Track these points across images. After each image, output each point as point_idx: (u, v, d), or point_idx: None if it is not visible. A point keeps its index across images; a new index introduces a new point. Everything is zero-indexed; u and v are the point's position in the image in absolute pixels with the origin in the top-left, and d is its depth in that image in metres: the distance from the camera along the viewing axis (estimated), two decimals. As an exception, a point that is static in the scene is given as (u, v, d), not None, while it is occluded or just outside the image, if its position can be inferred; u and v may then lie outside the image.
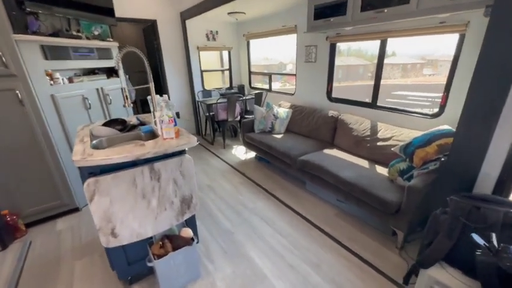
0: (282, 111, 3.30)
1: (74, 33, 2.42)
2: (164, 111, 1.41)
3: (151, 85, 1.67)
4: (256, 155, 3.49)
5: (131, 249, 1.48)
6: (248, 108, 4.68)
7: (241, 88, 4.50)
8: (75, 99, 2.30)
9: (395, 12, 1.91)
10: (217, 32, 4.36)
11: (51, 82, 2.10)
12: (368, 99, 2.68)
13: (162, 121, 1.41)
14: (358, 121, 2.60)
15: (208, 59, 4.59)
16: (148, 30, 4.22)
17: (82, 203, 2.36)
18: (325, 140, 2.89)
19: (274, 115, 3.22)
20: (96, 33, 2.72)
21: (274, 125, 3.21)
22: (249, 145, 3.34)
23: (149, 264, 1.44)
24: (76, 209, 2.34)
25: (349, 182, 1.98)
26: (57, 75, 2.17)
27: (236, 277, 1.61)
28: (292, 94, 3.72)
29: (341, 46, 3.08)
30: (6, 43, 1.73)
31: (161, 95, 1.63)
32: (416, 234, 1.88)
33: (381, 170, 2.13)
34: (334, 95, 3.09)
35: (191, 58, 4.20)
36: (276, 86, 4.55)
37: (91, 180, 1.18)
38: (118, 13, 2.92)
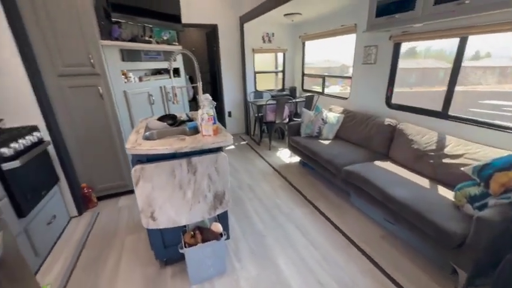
0: (332, 116, 3.11)
1: (147, 38, 2.79)
2: (205, 109, 1.49)
3: (199, 85, 1.79)
4: (300, 159, 3.38)
5: (167, 234, 1.62)
6: (298, 111, 4.58)
7: (292, 90, 4.43)
8: (142, 96, 2.65)
9: (486, 2, 1.56)
10: (273, 34, 4.41)
11: (125, 80, 2.47)
12: (438, 108, 2.28)
13: (203, 119, 1.49)
14: (421, 132, 2.25)
15: (262, 61, 4.68)
16: (210, 34, 4.56)
17: (139, 186, 2.71)
18: (378, 151, 2.59)
19: (322, 119, 3.06)
20: (165, 38, 3.08)
21: (321, 130, 3.05)
22: (294, 149, 3.26)
23: (181, 251, 1.55)
24: (133, 191, 2.69)
25: (400, 201, 1.72)
26: (130, 74, 2.54)
27: (260, 280, 1.59)
28: (346, 98, 3.47)
29: (417, 46, 2.72)
30: (95, 48, 2.11)
31: (215, 95, 1.73)
32: (487, 279, 1.51)
33: (445, 193, 1.78)
34: (395, 100, 2.75)
35: (246, 60, 4.36)
36: (335, 89, 4.32)
37: (137, 166, 1.33)
38: (184, 19, 3.24)
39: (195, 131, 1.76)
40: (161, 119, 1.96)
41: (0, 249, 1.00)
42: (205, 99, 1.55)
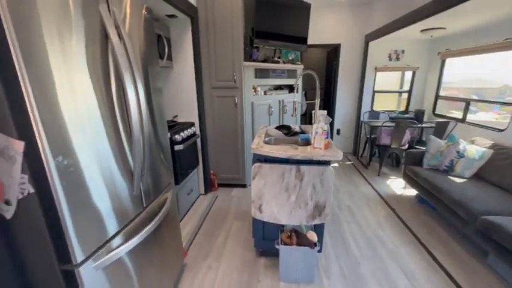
0: (475, 150, 2.49)
1: (276, 59, 3.26)
2: (320, 124, 1.62)
3: (317, 101, 1.95)
4: (417, 194, 2.89)
5: (267, 228, 1.85)
6: (423, 138, 3.91)
7: (419, 114, 3.84)
8: (264, 107, 3.11)
9: None
10: (403, 51, 4.01)
11: (254, 93, 2.98)
12: None
13: (317, 132, 1.63)
14: None
15: (385, 80, 4.32)
16: (331, 53, 4.69)
17: (248, 182, 3.16)
18: (549, 208, 1.86)
19: (458, 152, 2.51)
20: (290, 58, 3.48)
21: (454, 165, 2.50)
22: (411, 180, 2.83)
23: (276, 247, 1.73)
24: (244, 185, 3.17)
25: None
26: (259, 88, 3.04)
27: (348, 306, 1.53)
28: (502, 130, 2.67)
29: None
30: (238, 67, 2.70)
31: (327, 110, 1.86)
32: None
33: None
34: None
35: (366, 78, 4.18)
36: (485, 117, 3.40)
37: (257, 164, 1.63)
38: (310, 41, 3.54)
39: (306, 142, 1.93)
40: (278, 128, 2.25)
41: (168, 203, 1.50)
42: (321, 114, 1.68)
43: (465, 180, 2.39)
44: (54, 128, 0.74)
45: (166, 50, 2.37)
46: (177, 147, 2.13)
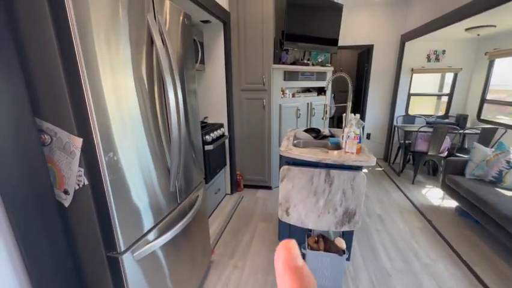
0: (529, 160, 2.23)
1: (305, 61, 3.23)
2: (352, 128, 1.57)
3: (349, 104, 1.89)
4: (457, 206, 2.66)
5: (294, 231, 1.83)
6: (466, 146, 3.59)
7: (460, 119, 3.54)
8: (292, 109, 3.09)
9: None
10: (443, 51, 3.73)
11: (282, 96, 2.98)
12: None
13: (348, 136, 1.58)
14: None
15: (422, 82, 4.05)
16: (363, 54, 4.52)
17: (274, 184, 3.16)
18: None
19: (508, 162, 2.26)
20: (319, 60, 3.42)
21: (503, 175, 2.26)
22: (451, 190, 2.61)
23: (303, 251, 1.70)
24: (269, 187, 3.17)
25: None
26: (287, 91, 3.04)
27: (378, 319, 1.45)
28: None
29: None
30: (268, 70, 2.72)
31: (356, 114, 1.81)
32: None
33: None
34: None
35: (400, 81, 3.96)
36: None
37: (285, 167, 1.62)
38: (340, 42, 3.44)
39: (336, 146, 1.88)
40: (307, 131, 2.23)
41: (199, 200, 1.56)
42: (354, 118, 1.63)
43: (516, 193, 2.15)
44: (106, 127, 0.82)
45: (200, 54, 2.47)
46: (207, 147, 2.20)
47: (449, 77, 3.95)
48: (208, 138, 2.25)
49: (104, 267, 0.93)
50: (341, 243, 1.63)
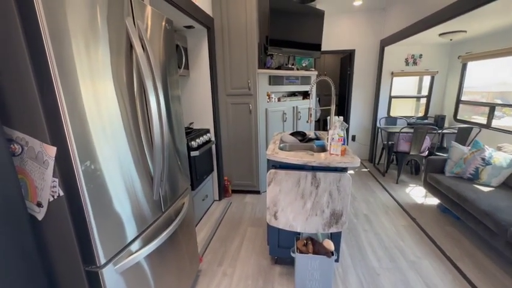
0: (502, 157, 2.35)
1: (290, 66, 3.28)
2: (336, 130, 1.60)
3: (332, 107, 1.93)
4: (439, 203, 2.76)
5: (283, 235, 1.82)
6: (444, 145, 3.76)
7: (439, 119, 3.70)
8: (278, 114, 3.11)
9: None
10: (420, 55, 3.91)
11: (268, 100, 3.00)
12: None
13: (333, 138, 1.61)
14: None
15: (402, 85, 4.22)
16: (345, 59, 4.66)
17: (262, 189, 3.15)
18: None
19: (483, 159, 2.38)
20: (304, 64, 3.48)
21: (479, 172, 2.38)
22: (432, 188, 2.71)
23: (292, 255, 1.70)
24: (258, 192, 3.16)
25: None
26: (273, 95, 3.06)
27: (367, 319, 1.46)
28: (532, 136, 2.52)
29: None
30: (253, 75, 2.74)
31: (342, 117, 1.84)
32: None
33: None
34: None
35: (382, 84, 4.10)
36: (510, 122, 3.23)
37: (272, 170, 1.62)
38: (323, 47, 3.54)
39: (322, 149, 1.90)
40: (293, 134, 2.24)
41: (185, 208, 1.52)
42: (337, 120, 1.66)
43: (492, 189, 2.26)
44: (82, 134, 0.78)
45: (184, 59, 2.45)
46: (193, 153, 2.17)
47: (426, 79, 4.14)
48: (193, 144, 2.22)
49: (82, 282, 0.88)
50: (330, 245, 1.64)
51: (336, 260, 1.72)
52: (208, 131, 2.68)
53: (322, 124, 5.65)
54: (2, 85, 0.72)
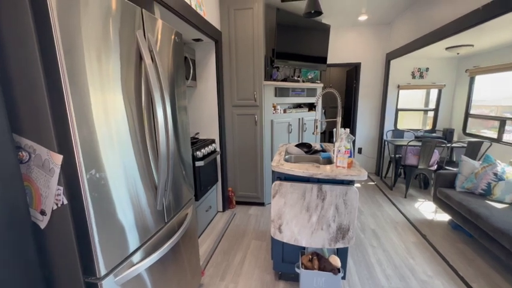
0: (515, 172, 2.28)
1: (296, 78, 3.31)
2: (343, 143, 1.58)
3: (338, 120, 1.92)
4: (450, 219, 2.66)
5: (287, 249, 1.77)
6: (454, 159, 3.67)
7: (447, 133, 3.64)
8: (283, 125, 3.11)
9: None
10: (427, 69, 3.90)
11: (274, 111, 3.01)
12: None
13: (339, 151, 1.59)
14: None
15: (408, 98, 4.20)
16: (351, 71, 4.68)
17: (266, 200, 3.10)
18: None
19: (495, 174, 2.31)
20: (310, 77, 3.51)
21: (492, 188, 2.30)
22: (442, 204, 2.62)
23: (297, 270, 1.64)
24: (262, 204, 3.11)
25: None
26: (278, 107, 3.08)
27: None
28: (546, 152, 2.44)
29: None
30: (259, 87, 2.77)
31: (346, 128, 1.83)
32: None
33: None
34: None
35: (388, 97, 4.09)
36: None
37: (277, 182, 1.60)
38: (329, 60, 3.57)
39: (328, 161, 1.88)
40: (298, 146, 2.23)
41: (188, 219, 1.50)
42: (344, 133, 1.64)
43: (506, 205, 2.17)
44: (89, 143, 0.79)
45: (191, 71, 2.50)
46: (198, 164, 2.16)
47: (433, 92, 4.11)
48: (199, 154, 2.22)
49: (82, 294, 0.86)
50: (336, 261, 1.58)
51: (343, 277, 1.65)
52: (213, 141, 2.69)
53: (328, 136, 5.62)
54: (14, 94, 0.74)
